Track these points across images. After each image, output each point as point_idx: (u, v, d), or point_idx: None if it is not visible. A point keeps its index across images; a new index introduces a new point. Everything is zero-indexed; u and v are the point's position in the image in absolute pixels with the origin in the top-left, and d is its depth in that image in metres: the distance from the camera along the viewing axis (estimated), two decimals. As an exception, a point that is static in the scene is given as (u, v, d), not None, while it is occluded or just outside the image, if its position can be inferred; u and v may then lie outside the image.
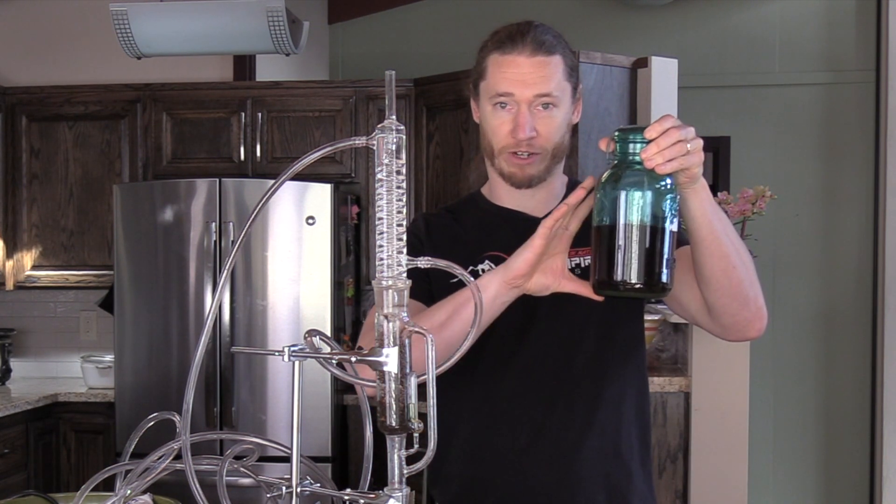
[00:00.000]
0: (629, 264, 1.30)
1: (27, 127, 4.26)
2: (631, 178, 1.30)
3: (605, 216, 1.31)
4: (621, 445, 1.63)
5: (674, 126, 1.29)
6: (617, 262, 1.30)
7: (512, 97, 1.55)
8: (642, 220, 1.29)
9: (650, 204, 1.29)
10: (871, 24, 4.94)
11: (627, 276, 1.30)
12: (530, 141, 1.56)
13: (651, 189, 1.29)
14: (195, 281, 3.77)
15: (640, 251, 1.29)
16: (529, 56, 1.55)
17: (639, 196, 1.29)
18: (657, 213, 1.29)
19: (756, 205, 3.54)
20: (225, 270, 0.98)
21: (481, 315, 1.02)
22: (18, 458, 3.77)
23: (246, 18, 3.59)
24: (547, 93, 1.55)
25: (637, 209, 1.29)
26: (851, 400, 5.02)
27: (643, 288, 1.31)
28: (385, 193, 0.93)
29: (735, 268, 1.44)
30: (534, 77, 1.55)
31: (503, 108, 1.57)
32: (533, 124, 1.55)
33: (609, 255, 1.31)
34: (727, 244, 1.42)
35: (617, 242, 1.30)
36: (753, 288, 1.48)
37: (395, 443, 0.96)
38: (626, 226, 1.29)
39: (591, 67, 3.75)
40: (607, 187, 1.31)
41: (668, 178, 1.30)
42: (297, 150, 4.14)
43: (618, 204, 1.30)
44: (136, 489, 1.10)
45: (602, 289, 1.34)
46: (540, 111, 1.56)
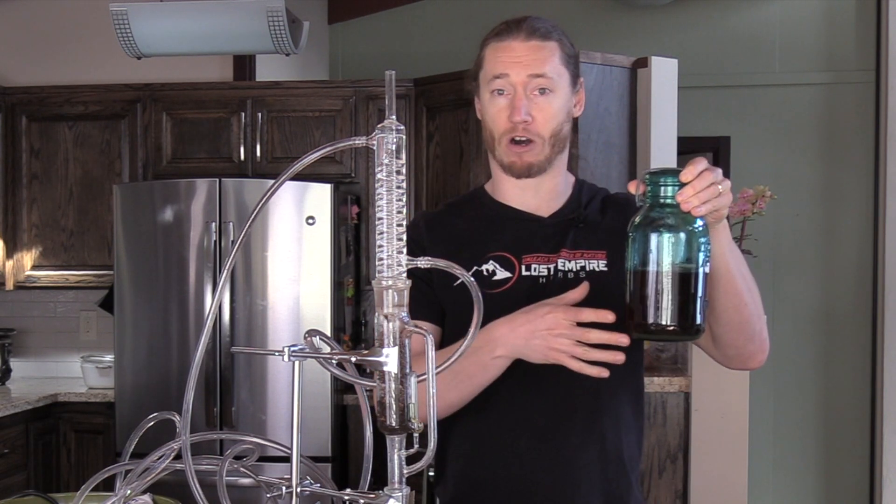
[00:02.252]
0: (666, 308, 1.29)
1: (27, 127, 4.26)
2: (666, 221, 1.30)
3: (640, 260, 1.30)
4: (621, 450, 1.63)
5: (707, 168, 1.30)
6: (654, 306, 1.30)
7: (507, 79, 1.57)
8: (678, 263, 1.29)
9: (685, 247, 1.30)
10: (871, 24, 4.94)
11: (664, 319, 1.30)
12: (526, 125, 1.56)
13: (685, 231, 1.30)
14: (195, 281, 3.77)
15: (676, 295, 1.29)
16: (524, 40, 1.57)
17: (674, 239, 1.29)
18: (692, 255, 1.30)
19: (756, 205, 3.54)
20: (225, 270, 0.98)
21: (481, 314, 1.02)
22: (18, 458, 3.77)
23: (246, 18, 3.59)
24: (541, 73, 1.56)
25: (673, 252, 1.29)
26: (851, 400, 5.02)
27: (679, 331, 1.31)
28: (385, 193, 0.93)
29: (746, 304, 1.49)
30: (528, 59, 1.56)
31: (500, 95, 1.58)
32: (528, 109, 1.56)
33: (645, 299, 1.30)
34: (741, 282, 1.47)
35: (654, 287, 1.29)
36: (760, 322, 1.53)
37: (395, 443, 0.96)
38: (663, 269, 1.29)
39: (591, 67, 3.75)
40: (640, 231, 1.31)
41: (700, 220, 1.31)
42: (297, 150, 4.14)
43: (653, 247, 1.29)
44: (136, 489, 1.10)
45: (638, 332, 1.33)
46: (536, 96, 1.57)
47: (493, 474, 1.61)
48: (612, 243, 1.62)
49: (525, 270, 1.60)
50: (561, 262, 1.60)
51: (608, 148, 3.81)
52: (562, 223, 1.65)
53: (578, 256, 1.61)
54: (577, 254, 1.61)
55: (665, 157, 3.84)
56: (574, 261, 1.61)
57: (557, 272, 1.60)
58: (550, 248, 1.62)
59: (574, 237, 1.63)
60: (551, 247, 1.62)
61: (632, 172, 3.87)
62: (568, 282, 1.59)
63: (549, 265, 1.61)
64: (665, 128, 3.84)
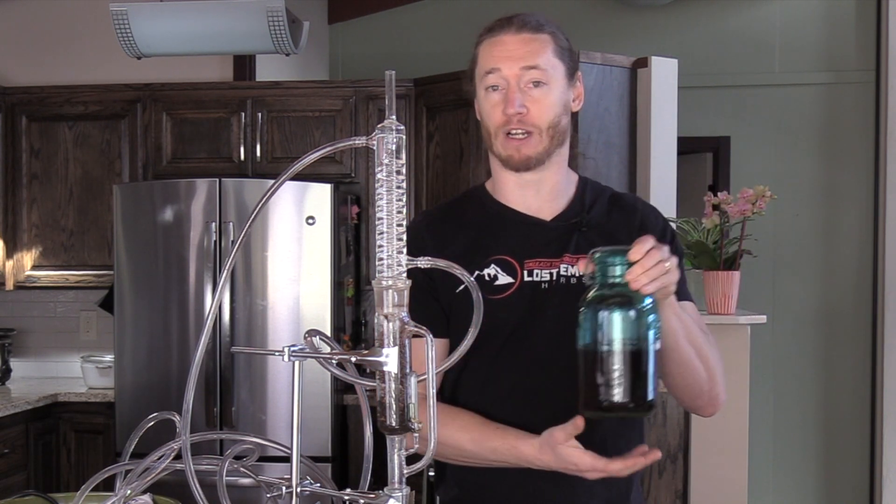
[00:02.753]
0: (618, 386, 1.31)
1: (27, 127, 4.26)
2: (616, 300, 1.32)
3: (591, 338, 1.32)
4: (621, 453, 1.62)
5: (654, 247, 1.33)
6: (605, 384, 1.31)
7: (500, 73, 1.56)
8: (628, 341, 1.31)
9: (635, 325, 1.31)
10: (871, 24, 4.94)
11: (616, 397, 1.31)
12: (521, 117, 1.55)
13: (635, 310, 1.32)
14: (195, 281, 3.77)
15: (627, 373, 1.31)
16: (515, 34, 1.57)
17: (624, 317, 1.31)
18: (641, 333, 1.32)
19: (756, 205, 3.53)
20: (225, 270, 0.98)
21: (481, 316, 1.02)
22: (18, 458, 3.77)
23: (246, 18, 3.59)
24: (534, 65, 1.55)
25: (623, 330, 1.31)
26: (851, 400, 5.02)
27: (632, 408, 1.32)
28: (385, 193, 0.93)
29: (692, 371, 1.52)
30: (520, 52, 1.56)
31: (495, 91, 1.58)
32: (522, 101, 1.55)
33: (596, 377, 1.32)
34: (688, 353, 1.50)
35: (605, 365, 1.31)
36: (710, 383, 1.56)
37: (395, 443, 0.96)
38: (613, 348, 1.31)
39: (591, 67, 3.75)
40: (590, 309, 1.33)
41: (649, 298, 1.33)
42: (297, 150, 4.14)
43: (603, 326, 1.31)
44: (136, 489, 1.10)
45: (589, 409, 1.35)
46: (530, 88, 1.56)
47: (495, 477, 1.60)
48: None
49: (527, 276, 1.59)
50: (563, 268, 1.59)
51: (608, 148, 3.81)
52: (565, 227, 1.63)
53: (575, 262, 1.59)
54: (581, 258, 1.60)
55: (665, 157, 3.84)
56: (577, 266, 1.59)
57: (560, 277, 1.59)
58: (553, 253, 1.61)
59: (577, 242, 1.61)
60: (554, 251, 1.61)
61: (632, 172, 3.87)
62: (570, 287, 1.57)
63: (552, 270, 1.59)
64: (665, 128, 3.84)
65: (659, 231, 1.66)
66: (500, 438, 1.53)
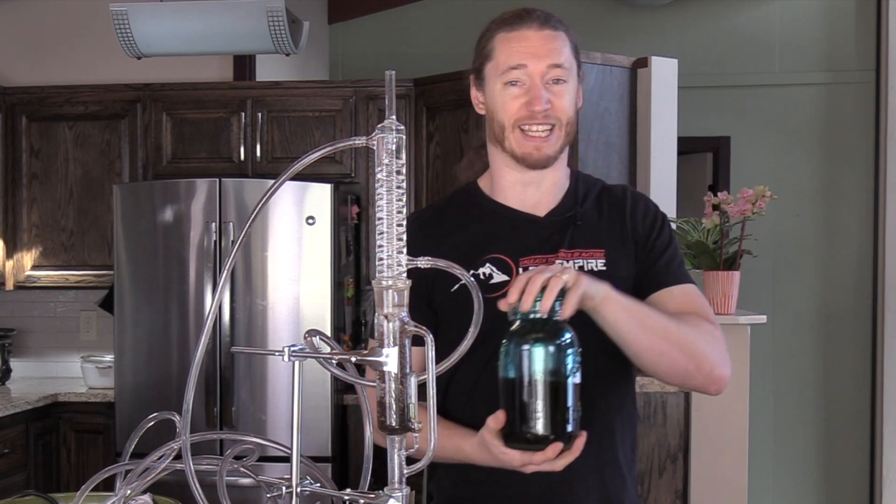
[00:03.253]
0: (537, 418, 1.35)
1: (27, 127, 4.26)
2: (534, 334, 1.35)
3: (511, 370, 1.36)
4: (617, 455, 1.62)
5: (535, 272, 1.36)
6: (524, 415, 1.36)
7: (525, 69, 1.55)
8: (547, 374, 1.34)
9: (553, 359, 1.34)
10: (871, 24, 4.94)
11: (536, 428, 1.35)
12: (546, 112, 1.55)
13: (554, 344, 1.35)
14: (195, 281, 3.77)
15: (546, 405, 1.35)
16: (538, 29, 1.56)
17: (543, 351, 1.35)
18: (560, 366, 1.35)
19: (756, 205, 3.53)
20: (225, 270, 0.98)
21: (481, 315, 1.02)
22: (18, 458, 3.77)
23: (246, 18, 3.59)
24: (559, 63, 1.55)
25: (542, 364, 1.34)
26: (851, 400, 5.02)
27: (552, 440, 1.36)
28: (385, 193, 0.93)
29: (662, 356, 1.49)
30: (545, 49, 1.55)
31: (514, 86, 1.56)
32: (548, 97, 1.55)
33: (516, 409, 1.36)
34: (648, 342, 1.47)
35: (522, 397, 1.35)
36: (694, 362, 1.51)
37: (395, 443, 0.96)
38: (531, 380, 1.35)
39: (591, 67, 3.75)
40: (511, 343, 1.36)
41: (567, 333, 1.36)
42: (297, 150, 4.14)
43: (522, 359, 1.35)
44: (136, 489, 1.10)
45: (510, 441, 1.39)
46: (551, 85, 1.55)
47: (489, 477, 1.60)
48: (610, 241, 1.61)
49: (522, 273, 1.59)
50: (559, 263, 1.58)
51: (608, 148, 3.81)
52: (559, 222, 1.63)
53: (577, 256, 1.59)
54: (576, 253, 1.59)
55: (665, 157, 3.84)
56: (572, 261, 1.59)
57: None
58: (548, 249, 1.60)
59: (572, 236, 1.61)
60: (549, 247, 1.60)
61: (632, 172, 3.87)
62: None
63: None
64: (665, 128, 3.84)
65: (650, 218, 1.65)
66: (447, 438, 1.54)
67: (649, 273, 1.61)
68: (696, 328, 1.54)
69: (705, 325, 1.56)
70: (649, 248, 1.62)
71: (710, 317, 1.59)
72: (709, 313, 1.60)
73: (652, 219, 1.65)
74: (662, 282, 1.60)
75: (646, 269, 1.62)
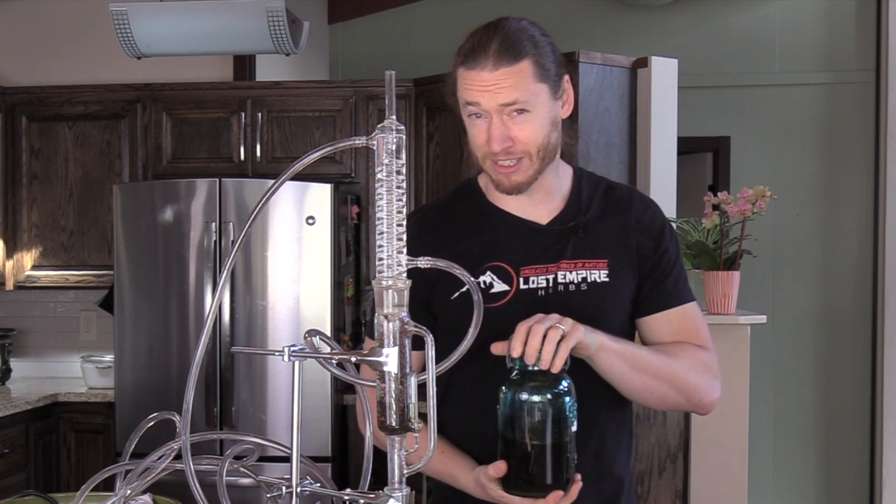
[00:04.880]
0: (537, 466, 1.39)
1: (27, 127, 4.26)
2: (532, 384, 1.39)
3: (510, 420, 1.40)
4: (615, 462, 1.63)
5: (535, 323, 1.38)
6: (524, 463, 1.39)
7: (479, 106, 1.52)
8: (547, 423, 1.38)
9: (552, 408, 1.38)
10: (871, 24, 4.94)
11: (536, 476, 1.39)
12: (508, 149, 1.51)
13: (552, 393, 1.38)
14: (195, 281, 3.77)
15: (545, 454, 1.39)
16: (492, 70, 1.50)
17: (542, 401, 1.38)
18: (559, 415, 1.38)
19: (756, 205, 3.53)
20: (225, 270, 0.98)
21: (481, 316, 1.01)
22: (18, 458, 3.77)
23: (246, 18, 3.59)
24: (512, 101, 1.49)
25: (541, 413, 1.38)
26: (851, 400, 5.02)
27: (550, 486, 1.39)
28: (385, 193, 0.93)
29: (653, 393, 1.55)
30: (498, 87, 1.50)
31: (478, 118, 1.54)
32: (507, 133, 1.50)
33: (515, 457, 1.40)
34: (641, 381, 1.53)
35: (523, 446, 1.39)
36: (683, 394, 1.57)
37: (395, 443, 0.96)
38: (532, 430, 1.38)
39: (591, 67, 3.75)
40: (509, 394, 1.40)
41: (565, 382, 1.39)
42: (297, 150, 4.14)
43: (522, 408, 1.39)
44: (136, 489, 1.10)
45: (510, 488, 1.42)
46: (514, 117, 1.51)
47: None
48: (614, 249, 1.59)
49: (523, 283, 1.56)
50: (561, 274, 1.57)
51: (608, 148, 3.81)
52: (562, 231, 1.60)
53: (579, 267, 1.57)
54: (578, 264, 1.57)
55: (665, 157, 3.84)
56: (575, 271, 1.57)
57: (557, 284, 1.56)
58: (549, 259, 1.58)
59: (574, 246, 1.59)
60: (550, 257, 1.58)
61: (632, 172, 3.87)
62: (569, 294, 1.56)
63: (548, 276, 1.57)
64: (665, 128, 3.84)
65: (656, 230, 1.64)
66: (442, 464, 1.58)
67: (654, 292, 1.61)
68: (687, 359, 1.57)
69: (698, 353, 1.59)
70: (655, 263, 1.61)
71: (704, 340, 1.62)
72: (704, 336, 1.63)
73: (659, 230, 1.64)
74: (665, 303, 1.61)
75: (651, 288, 1.61)
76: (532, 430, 1.38)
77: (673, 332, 1.59)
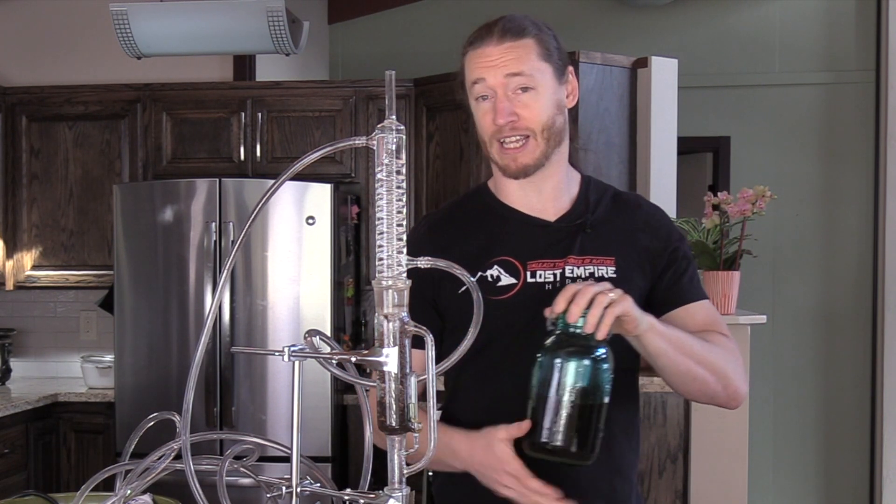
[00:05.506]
0: (563, 431, 1.36)
1: (27, 127, 4.26)
2: (571, 348, 1.37)
3: (544, 382, 1.37)
4: (623, 460, 1.63)
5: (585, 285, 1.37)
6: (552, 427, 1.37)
7: (485, 82, 1.55)
8: (580, 389, 1.36)
9: (588, 374, 1.36)
10: (871, 24, 4.94)
11: (560, 442, 1.37)
12: (513, 124, 1.54)
13: (590, 359, 1.36)
14: (195, 281, 3.77)
15: (574, 420, 1.36)
16: (497, 44, 1.55)
17: (578, 365, 1.36)
18: (593, 383, 1.37)
19: (756, 205, 3.53)
20: (225, 270, 0.98)
21: (481, 316, 1.01)
22: (18, 458, 3.77)
23: (246, 18, 3.59)
24: (517, 72, 1.53)
25: (575, 378, 1.36)
26: (851, 400, 5.02)
27: (576, 454, 1.38)
28: (385, 193, 0.93)
29: (696, 379, 1.54)
30: (503, 60, 1.54)
31: (484, 100, 1.57)
32: (512, 109, 1.54)
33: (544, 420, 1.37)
34: (686, 365, 1.51)
35: (554, 409, 1.36)
36: (721, 383, 1.56)
37: (395, 443, 0.96)
38: (564, 394, 1.36)
39: (591, 67, 3.75)
40: (548, 355, 1.38)
41: (604, 351, 1.37)
42: (297, 150, 4.14)
43: (557, 372, 1.36)
44: (136, 489, 1.10)
45: (533, 449, 1.40)
46: (519, 94, 1.54)
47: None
48: (622, 249, 1.61)
49: (530, 277, 1.58)
50: (569, 269, 1.58)
51: (608, 148, 3.81)
52: (569, 228, 1.62)
53: (587, 262, 1.58)
54: (586, 260, 1.59)
55: (665, 157, 3.84)
56: (583, 267, 1.58)
57: (565, 279, 1.58)
58: (557, 254, 1.59)
59: (582, 243, 1.60)
60: (558, 252, 1.60)
61: (632, 172, 3.87)
62: None
63: (556, 271, 1.58)
64: (665, 128, 3.84)
65: (665, 231, 1.66)
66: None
67: (675, 287, 1.62)
68: (721, 348, 1.57)
69: (726, 342, 1.60)
70: (668, 262, 1.63)
71: (727, 332, 1.63)
72: (725, 328, 1.63)
73: (667, 232, 1.66)
74: (688, 297, 1.62)
75: (670, 285, 1.62)
76: (566, 393, 1.35)
77: (698, 325, 1.60)
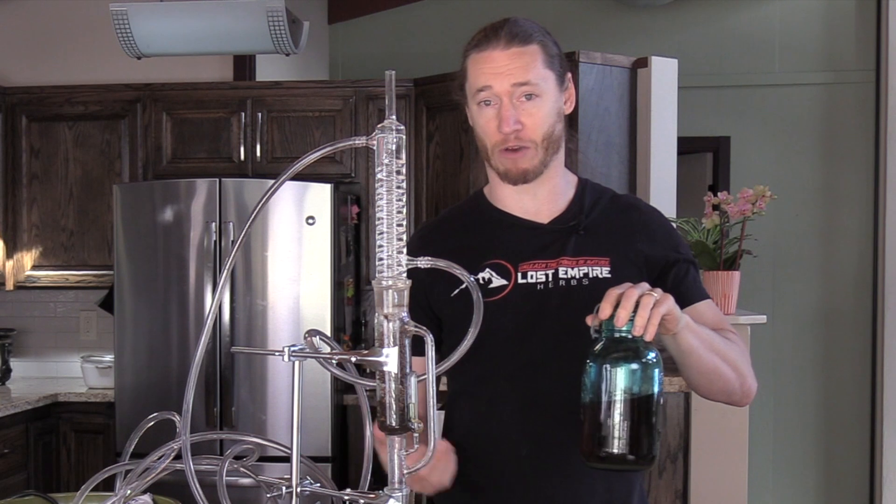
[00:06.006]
0: (621, 438, 1.34)
1: (27, 127, 4.26)
2: (621, 354, 1.34)
3: (596, 390, 1.34)
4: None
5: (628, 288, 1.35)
6: (608, 436, 1.34)
7: (491, 90, 1.54)
8: (633, 394, 1.33)
9: (639, 378, 1.34)
10: (871, 24, 4.94)
11: (620, 449, 1.34)
12: (517, 133, 1.53)
13: (640, 363, 1.34)
14: (195, 281, 3.77)
15: (632, 426, 1.34)
16: (504, 49, 1.53)
17: (628, 370, 1.33)
18: (645, 387, 1.34)
19: (756, 205, 3.53)
20: (225, 270, 0.98)
21: (481, 315, 1.01)
22: (18, 458, 3.77)
23: (246, 18, 3.59)
24: (525, 81, 1.53)
25: (627, 384, 1.33)
26: (851, 400, 5.02)
27: (634, 461, 1.36)
28: (385, 193, 0.93)
29: (720, 377, 1.54)
30: (510, 67, 1.53)
31: (487, 106, 1.55)
32: (517, 117, 1.53)
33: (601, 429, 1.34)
34: (713, 363, 1.51)
35: (608, 417, 1.34)
36: (739, 379, 1.57)
37: (395, 443, 0.96)
38: (617, 401, 1.33)
39: (591, 67, 3.75)
40: (597, 363, 1.34)
41: (652, 353, 1.35)
42: (297, 150, 4.14)
43: (608, 379, 1.33)
44: (136, 489, 1.10)
45: (592, 460, 1.37)
46: (523, 102, 1.53)
47: (494, 480, 1.60)
48: (617, 249, 1.60)
49: (521, 278, 1.57)
50: (562, 270, 1.58)
51: (608, 148, 3.81)
52: (563, 230, 1.61)
53: (581, 263, 1.58)
54: (581, 260, 1.58)
55: (665, 157, 3.84)
56: (577, 267, 1.58)
57: (558, 280, 1.57)
58: (550, 255, 1.59)
59: (576, 244, 1.60)
60: (551, 253, 1.59)
61: (632, 172, 3.87)
62: (571, 289, 1.56)
63: (548, 271, 1.58)
64: (665, 128, 3.84)
65: (663, 233, 1.65)
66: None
67: (681, 287, 1.61)
68: (736, 346, 1.58)
69: (738, 339, 1.60)
70: (669, 263, 1.62)
71: (732, 329, 1.63)
72: (730, 325, 1.64)
73: (666, 233, 1.65)
74: (694, 296, 1.62)
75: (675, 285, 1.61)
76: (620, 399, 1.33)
77: (708, 324, 1.59)
